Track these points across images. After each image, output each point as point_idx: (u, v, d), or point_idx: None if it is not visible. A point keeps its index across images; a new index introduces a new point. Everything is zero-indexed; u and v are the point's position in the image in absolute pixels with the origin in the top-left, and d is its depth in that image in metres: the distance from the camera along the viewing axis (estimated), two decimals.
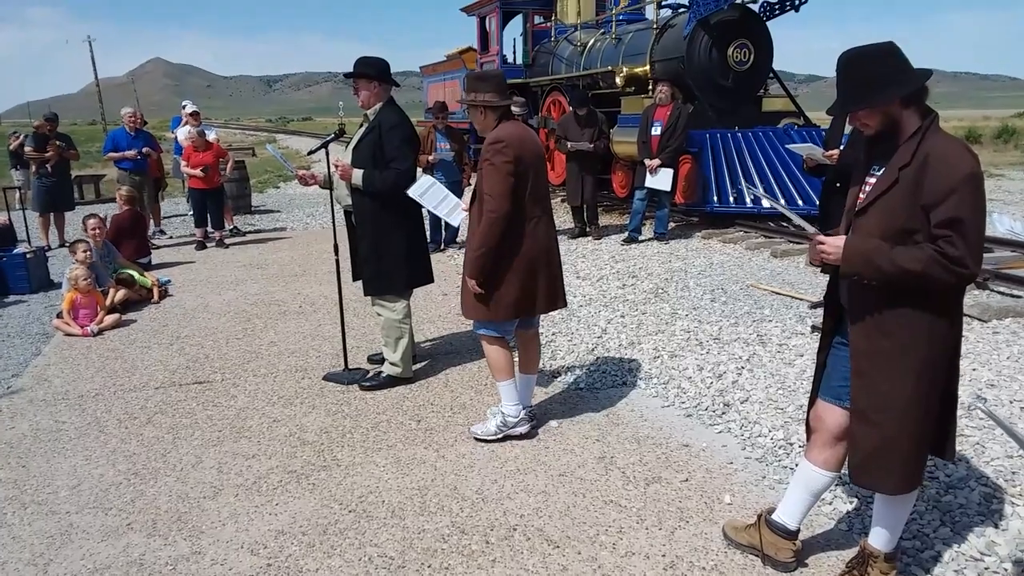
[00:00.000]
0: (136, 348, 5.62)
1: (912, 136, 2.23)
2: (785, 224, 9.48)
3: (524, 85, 14.16)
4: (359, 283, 4.75)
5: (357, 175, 4.38)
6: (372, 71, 4.47)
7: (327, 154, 4.65)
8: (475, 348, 5.20)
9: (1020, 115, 51.24)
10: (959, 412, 2.60)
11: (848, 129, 4.57)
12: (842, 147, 5.04)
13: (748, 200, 9.42)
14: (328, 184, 4.70)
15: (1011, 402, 3.94)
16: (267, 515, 3.25)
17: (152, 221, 10.39)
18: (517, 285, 3.70)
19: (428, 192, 4.28)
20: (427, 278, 4.76)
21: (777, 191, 9.47)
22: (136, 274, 7.06)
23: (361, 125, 4.64)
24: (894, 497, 2.50)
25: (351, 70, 4.53)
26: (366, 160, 4.42)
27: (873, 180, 2.34)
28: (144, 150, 9.82)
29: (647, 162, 8.67)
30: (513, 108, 3.96)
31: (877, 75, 2.23)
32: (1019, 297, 5.79)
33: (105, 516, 3.27)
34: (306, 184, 4.80)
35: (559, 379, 4.79)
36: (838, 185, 4.69)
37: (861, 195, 2.39)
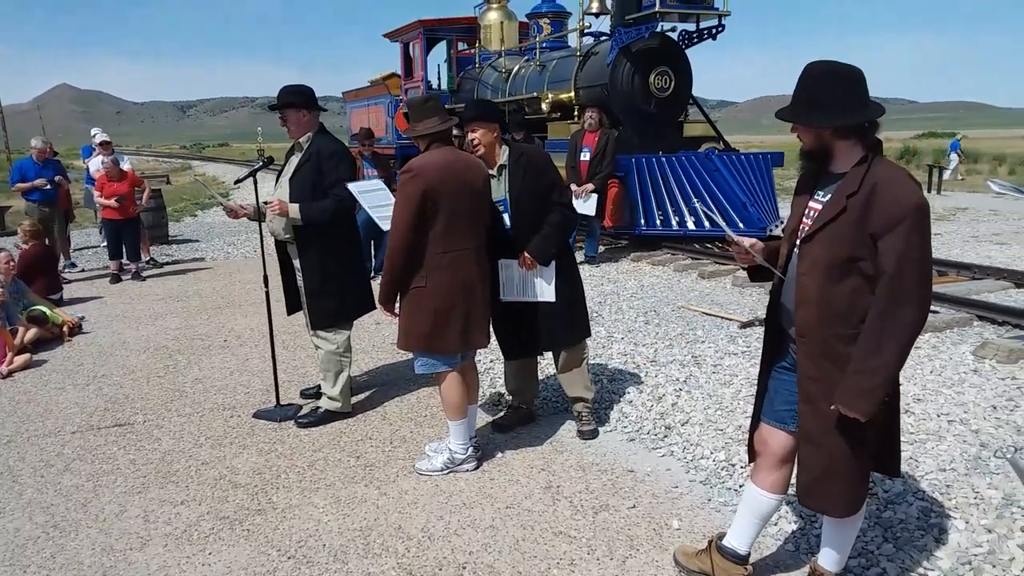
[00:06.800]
0: (50, 390, 5.29)
1: (859, 164, 2.27)
2: (709, 245, 9.71)
3: (451, 111, 14.16)
4: (288, 315, 4.62)
5: (294, 209, 4.25)
6: (299, 99, 4.37)
7: (255, 183, 4.51)
8: (412, 378, 5.10)
9: (919, 136, 54.20)
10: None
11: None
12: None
13: (679, 222, 9.60)
14: (257, 216, 4.54)
15: (938, 415, 4.08)
16: (199, 566, 3.07)
17: (62, 254, 9.91)
18: (429, 319, 3.63)
19: (372, 193, 4.18)
20: (370, 305, 4.64)
21: (700, 213, 9.69)
22: (47, 311, 6.68)
23: (290, 153, 4.52)
24: (844, 518, 2.53)
25: (274, 100, 4.42)
26: (306, 190, 4.29)
27: (818, 206, 2.37)
28: (56, 179, 9.40)
29: (574, 188, 8.74)
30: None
31: (821, 100, 2.27)
32: (936, 312, 6.04)
33: (23, 574, 3.03)
34: (235, 217, 4.61)
35: (499, 407, 4.72)
36: None
37: (806, 219, 2.42)
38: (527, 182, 3.91)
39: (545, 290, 3.96)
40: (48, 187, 9.31)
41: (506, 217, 3.96)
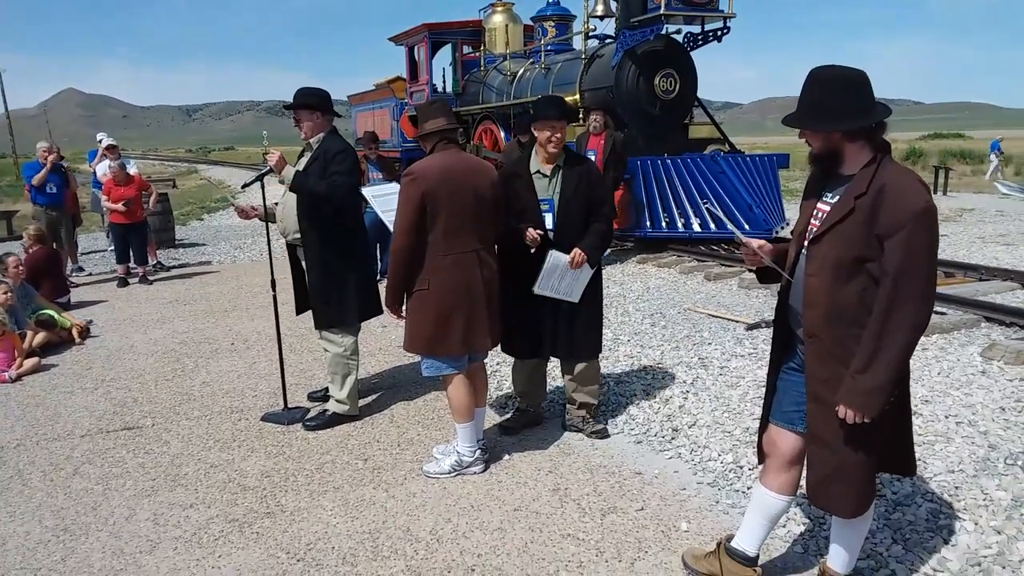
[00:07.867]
0: (58, 394, 5.31)
1: (868, 165, 2.28)
2: (715, 247, 9.70)
3: (456, 114, 14.20)
4: (294, 317, 4.63)
5: (289, 171, 4.24)
6: (314, 101, 4.40)
7: (263, 187, 4.53)
8: (419, 381, 5.11)
9: (924, 138, 54.06)
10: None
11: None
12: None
13: (685, 224, 9.60)
14: (266, 218, 4.57)
15: (946, 417, 4.07)
16: (209, 568, 3.08)
17: (69, 258, 9.95)
18: (432, 321, 3.65)
19: (385, 197, 4.19)
20: (378, 308, 4.64)
21: (706, 215, 9.69)
22: (56, 315, 6.71)
23: (301, 155, 4.54)
24: (853, 519, 2.53)
25: (281, 103, 4.46)
26: None
27: (827, 207, 2.38)
28: (64, 163, 9.66)
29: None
30: None
31: (827, 104, 2.28)
32: (944, 314, 6.02)
33: None
34: (246, 217, 4.64)
35: (506, 409, 4.73)
36: None
37: (814, 221, 2.43)
38: (581, 189, 3.98)
39: (575, 291, 4.02)
40: (54, 190, 9.41)
41: (548, 217, 4.01)
